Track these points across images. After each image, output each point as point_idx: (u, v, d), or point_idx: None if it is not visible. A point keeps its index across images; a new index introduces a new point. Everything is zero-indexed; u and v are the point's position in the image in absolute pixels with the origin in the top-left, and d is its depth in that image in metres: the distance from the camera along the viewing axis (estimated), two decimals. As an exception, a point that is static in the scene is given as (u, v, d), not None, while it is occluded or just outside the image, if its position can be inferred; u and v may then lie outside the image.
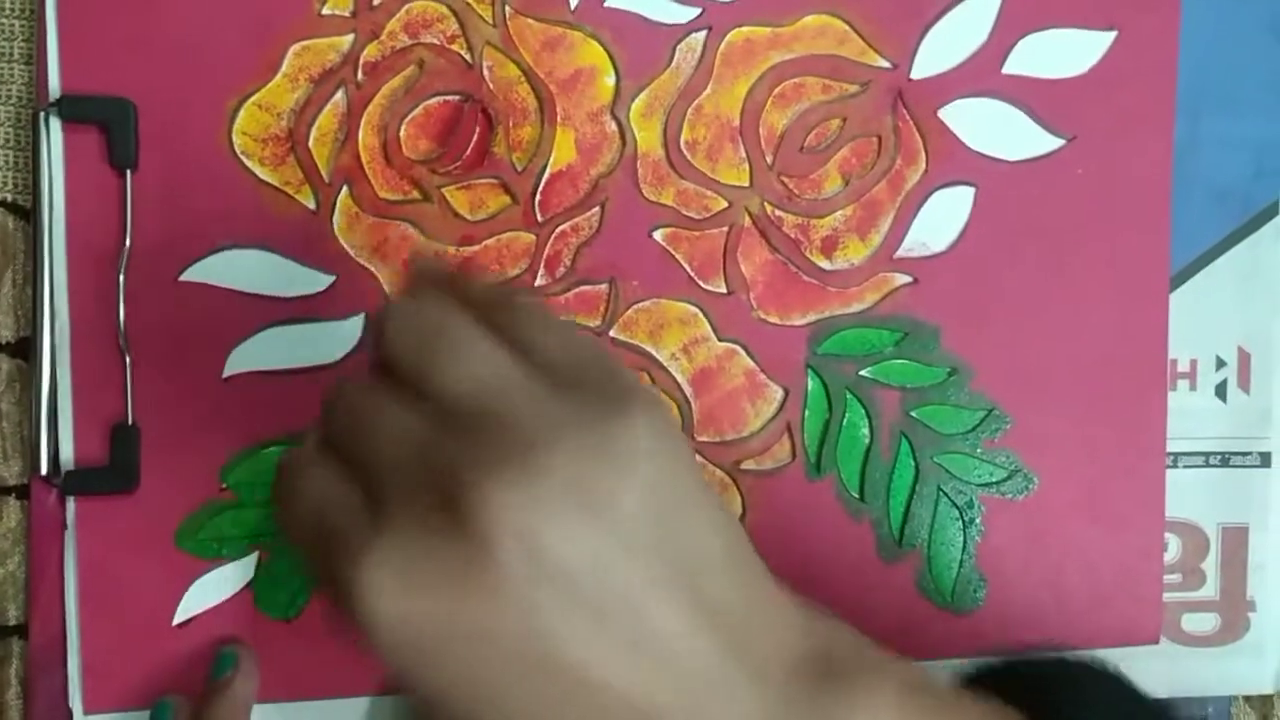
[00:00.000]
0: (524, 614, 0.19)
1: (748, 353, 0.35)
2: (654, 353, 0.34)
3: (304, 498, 0.21)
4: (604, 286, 0.34)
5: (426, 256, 0.24)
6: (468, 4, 0.33)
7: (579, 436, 0.20)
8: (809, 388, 0.35)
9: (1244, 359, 0.37)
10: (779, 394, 0.35)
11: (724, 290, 0.35)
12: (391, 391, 0.21)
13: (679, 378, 0.34)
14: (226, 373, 0.32)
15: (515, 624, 0.19)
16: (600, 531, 0.19)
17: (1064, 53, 0.35)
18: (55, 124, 0.31)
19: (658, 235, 0.34)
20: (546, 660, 0.20)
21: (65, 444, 0.32)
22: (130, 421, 0.32)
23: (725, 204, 0.34)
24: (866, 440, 0.35)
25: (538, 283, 0.34)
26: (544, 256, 0.34)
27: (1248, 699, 0.39)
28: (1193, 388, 0.37)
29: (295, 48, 0.32)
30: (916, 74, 0.35)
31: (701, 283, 0.34)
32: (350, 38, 0.32)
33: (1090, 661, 0.27)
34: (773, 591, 0.23)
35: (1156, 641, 0.37)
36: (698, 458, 0.35)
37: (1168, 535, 0.37)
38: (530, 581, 0.19)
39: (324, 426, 0.22)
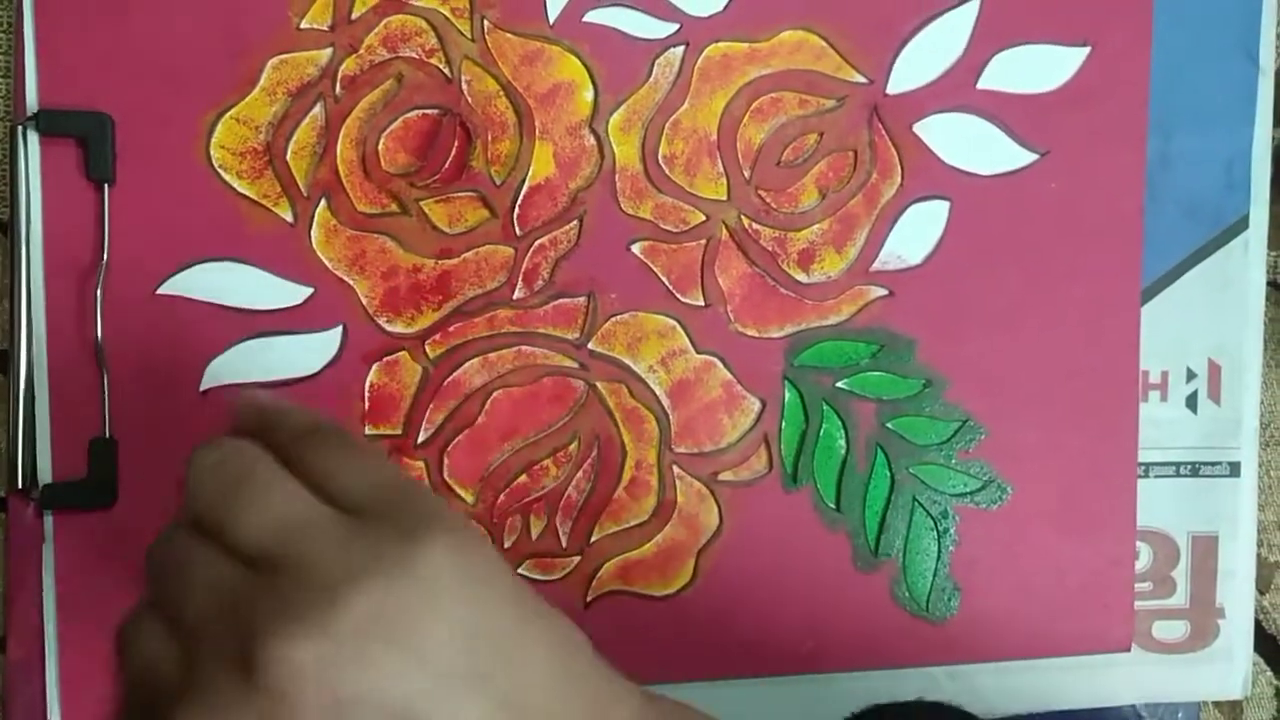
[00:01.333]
0: None
1: (725, 365, 0.35)
2: (632, 365, 0.35)
3: (129, 655, 0.21)
4: (582, 299, 0.34)
5: (249, 394, 0.24)
6: (446, 18, 0.33)
7: (378, 574, 0.19)
8: (786, 399, 0.35)
9: (1214, 370, 0.38)
10: (756, 405, 0.35)
11: (702, 303, 0.35)
12: (202, 540, 0.21)
13: (657, 390, 0.35)
14: (204, 386, 0.32)
15: None
16: (409, 667, 0.19)
17: (1038, 68, 0.36)
18: (33, 138, 0.31)
19: (636, 248, 0.34)
20: None
21: (43, 458, 0.32)
22: (108, 435, 0.32)
23: (703, 217, 0.35)
24: (843, 451, 0.36)
25: (516, 295, 0.34)
26: (522, 269, 0.34)
27: (1217, 704, 0.39)
28: (1164, 399, 0.38)
29: (273, 61, 0.32)
30: (892, 89, 0.35)
31: (679, 295, 0.35)
32: (328, 51, 0.32)
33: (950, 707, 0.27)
34: (608, 692, 0.22)
35: (1128, 648, 0.38)
36: (676, 469, 0.35)
37: (1139, 544, 0.38)
38: None
39: (147, 579, 0.22)
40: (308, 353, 0.33)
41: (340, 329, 0.33)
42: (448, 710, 0.19)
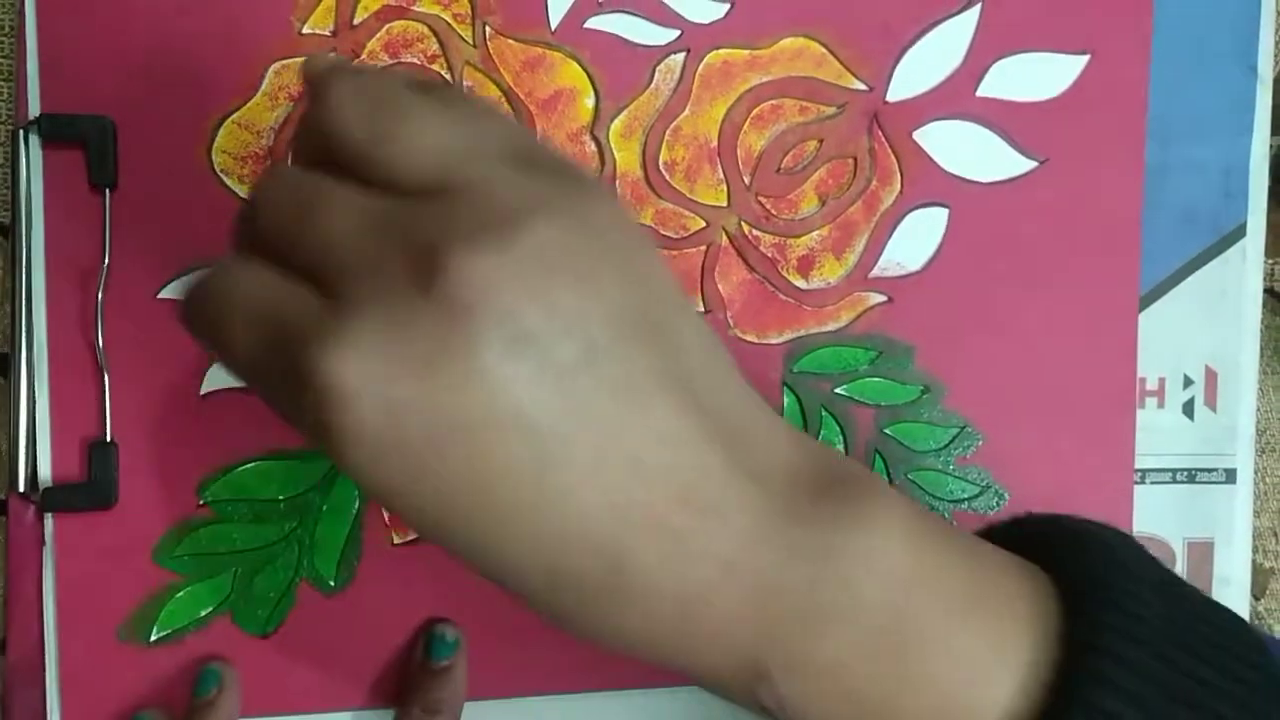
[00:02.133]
0: (515, 396, 0.17)
1: (724, 371, 0.35)
2: (632, 370, 0.35)
3: (242, 307, 0.18)
4: (582, 305, 0.34)
5: (324, 56, 0.22)
6: (448, 24, 0.33)
7: (557, 210, 0.18)
8: (785, 405, 0.36)
9: (1211, 378, 0.38)
10: (755, 411, 0.35)
11: (701, 309, 0.35)
12: (336, 174, 0.19)
13: (656, 395, 0.35)
14: (204, 389, 0.33)
15: (507, 408, 0.17)
16: (589, 302, 0.18)
17: (1037, 76, 0.36)
18: (35, 142, 0.31)
19: (636, 254, 0.34)
20: (540, 451, 0.17)
21: (43, 461, 0.32)
22: (108, 438, 0.32)
23: (703, 223, 0.35)
24: (841, 457, 0.36)
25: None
26: (523, 275, 0.34)
27: (1212, 710, 0.39)
28: (1161, 405, 0.38)
29: (275, 66, 0.32)
30: (892, 96, 0.35)
31: (679, 301, 0.35)
32: (331, 57, 0.33)
33: (1108, 525, 0.24)
34: (763, 404, 0.21)
35: (1124, 654, 0.38)
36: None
37: (1135, 550, 0.38)
38: (519, 359, 0.17)
39: (254, 222, 0.19)
40: (308, 357, 0.33)
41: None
42: (621, 351, 0.18)
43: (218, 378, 0.33)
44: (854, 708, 0.19)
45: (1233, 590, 0.38)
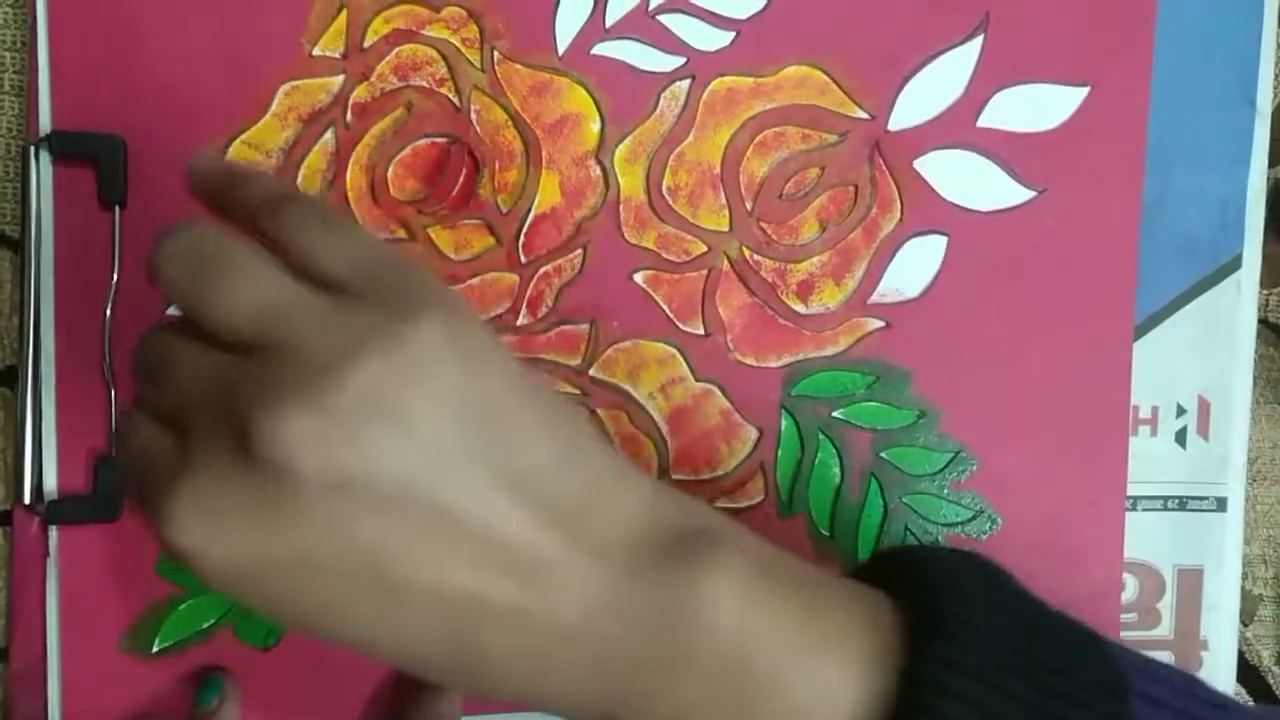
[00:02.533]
0: (339, 537, 0.19)
1: (724, 393, 0.36)
2: (632, 392, 0.35)
3: (126, 445, 0.22)
4: (585, 327, 0.35)
5: (204, 154, 0.24)
6: (457, 48, 0.33)
7: (368, 352, 0.19)
8: (782, 428, 0.36)
9: (1204, 407, 0.38)
10: (753, 434, 0.36)
11: (702, 332, 0.35)
12: (187, 329, 0.21)
13: (656, 417, 0.35)
14: (211, 405, 0.33)
15: (332, 548, 0.19)
16: (404, 444, 0.19)
17: (1038, 107, 0.36)
18: (45, 159, 0.32)
19: (638, 277, 0.35)
20: (372, 577, 0.19)
21: (48, 473, 0.32)
22: (114, 452, 0.32)
23: (705, 248, 0.35)
24: (837, 480, 0.36)
25: (519, 321, 0.34)
26: (526, 296, 0.34)
27: (1199, 734, 0.40)
28: (1153, 434, 0.38)
29: (285, 87, 0.33)
30: (894, 125, 0.36)
31: (680, 324, 0.35)
32: (340, 79, 0.33)
33: (970, 553, 0.26)
34: (615, 476, 0.22)
35: (1112, 678, 0.38)
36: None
37: (1125, 575, 0.38)
38: (339, 506, 0.19)
39: (135, 374, 0.22)
40: (313, 374, 0.33)
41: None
42: (446, 482, 0.19)
43: (223, 394, 0.33)
44: None
45: (1221, 617, 0.39)
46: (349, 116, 0.33)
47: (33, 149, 0.31)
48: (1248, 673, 0.40)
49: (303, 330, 0.20)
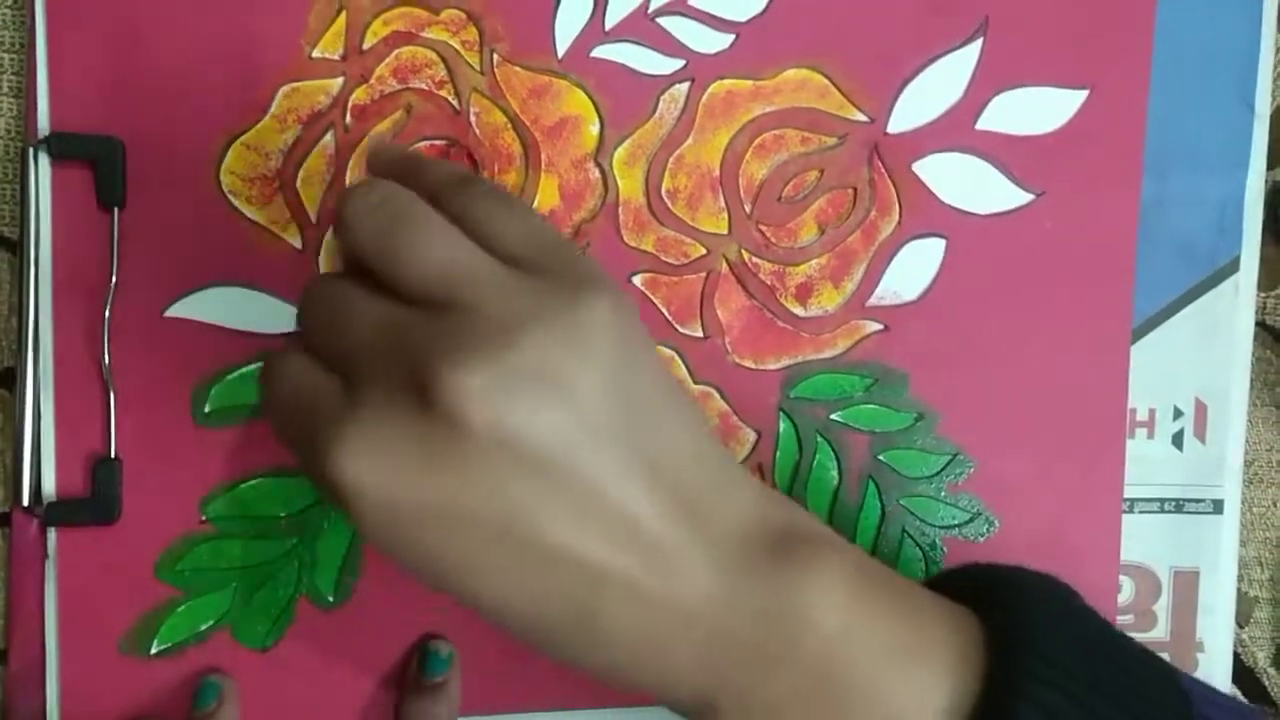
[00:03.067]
0: (492, 491, 0.20)
1: (722, 396, 0.36)
2: (631, 394, 0.35)
3: (283, 384, 0.22)
4: (583, 329, 0.35)
5: (383, 143, 0.25)
6: (456, 51, 0.33)
7: (544, 322, 0.20)
8: (781, 430, 0.36)
9: (1201, 410, 0.39)
10: (752, 437, 0.36)
11: (701, 334, 0.35)
12: (360, 281, 0.22)
13: (654, 419, 0.35)
14: (208, 407, 0.33)
15: (484, 501, 0.20)
16: (566, 414, 0.20)
17: (1036, 110, 0.36)
18: (44, 160, 0.32)
19: (637, 280, 0.35)
20: (513, 534, 0.20)
21: (47, 475, 0.32)
22: (112, 454, 0.32)
23: (704, 251, 0.35)
24: (835, 482, 0.36)
25: (518, 324, 0.34)
26: (525, 299, 0.34)
27: (1194, 735, 0.40)
28: (1150, 436, 0.38)
29: (285, 89, 0.33)
30: (893, 128, 0.36)
31: (679, 327, 0.35)
32: (340, 81, 0.33)
33: (1045, 574, 0.28)
34: (732, 474, 0.23)
35: (1109, 680, 0.38)
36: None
37: (1122, 577, 0.38)
38: (498, 461, 0.20)
39: (301, 323, 0.23)
40: (312, 377, 0.33)
41: (344, 354, 0.33)
42: (595, 456, 0.21)
43: (221, 396, 0.33)
44: None
45: (1217, 619, 0.39)
46: (348, 119, 0.33)
47: (31, 150, 0.31)
48: (1243, 675, 0.40)
49: (487, 293, 0.21)
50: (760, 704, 0.22)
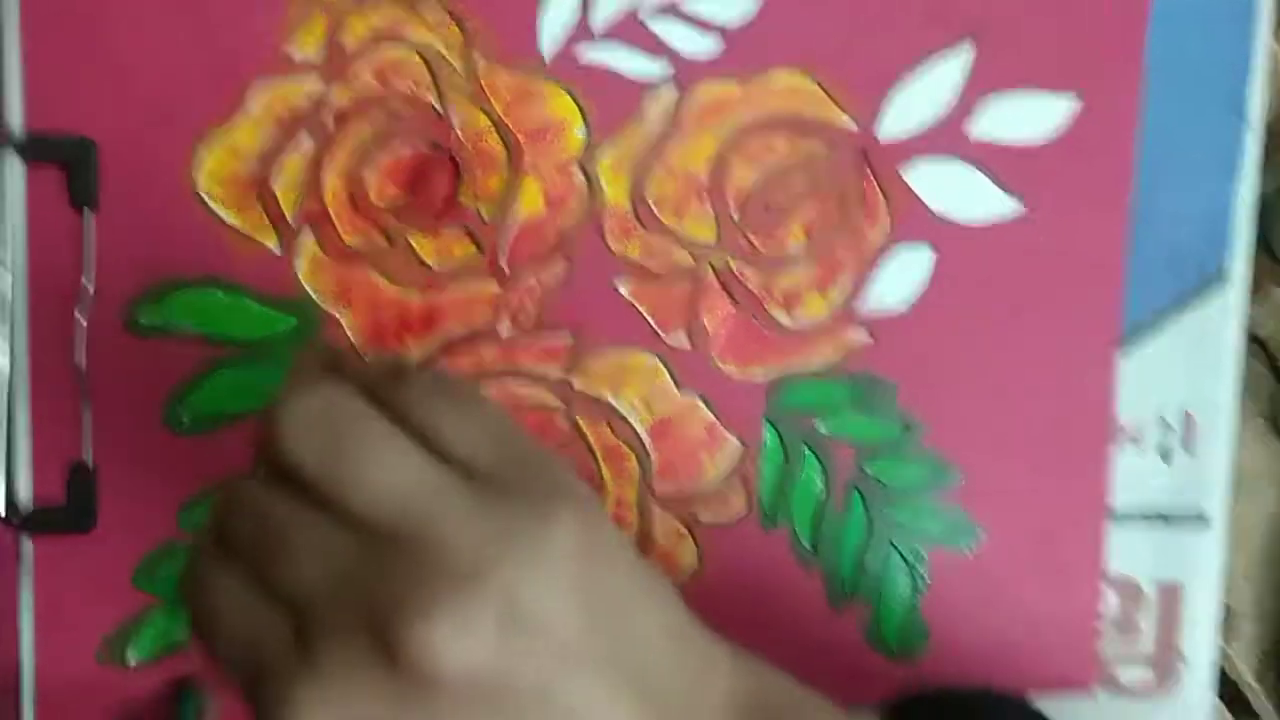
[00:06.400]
0: None
1: (707, 405, 0.35)
2: (614, 403, 0.35)
3: (226, 620, 0.20)
4: (567, 337, 0.34)
5: (314, 345, 0.23)
6: (439, 53, 0.33)
7: (512, 553, 0.19)
8: (766, 441, 0.36)
9: (1189, 422, 0.38)
10: (736, 446, 0.36)
11: (686, 343, 0.35)
12: (298, 501, 0.20)
13: (638, 428, 0.35)
14: (185, 414, 0.32)
15: None
16: (545, 651, 0.19)
17: (1027, 118, 0.36)
18: (16, 162, 0.31)
19: (622, 288, 0.34)
20: None
21: (23, 483, 0.32)
22: (88, 462, 0.32)
23: (690, 258, 0.35)
24: (821, 493, 0.36)
25: (502, 332, 0.34)
26: (509, 306, 0.34)
27: (1177, 747, 0.40)
28: (1138, 448, 0.38)
29: (262, 90, 0.32)
30: (882, 135, 0.35)
31: (664, 335, 0.35)
32: (319, 82, 0.32)
33: (1012, 696, 0.27)
34: (706, 654, 0.23)
35: (1091, 691, 0.38)
36: (655, 508, 0.35)
37: (1106, 590, 0.38)
38: (477, 709, 0.19)
39: (222, 528, 0.21)
40: (290, 384, 0.33)
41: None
42: (579, 687, 0.19)
43: (199, 402, 0.32)
44: None
45: (1202, 632, 0.39)
46: (328, 121, 0.32)
47: (3, 152, 0.31)
48: (1226, 686, 0.40)
49: (448, 524, 0.19)
50: None
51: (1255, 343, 0.40)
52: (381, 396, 0.21)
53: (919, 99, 0.35)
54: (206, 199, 0.32)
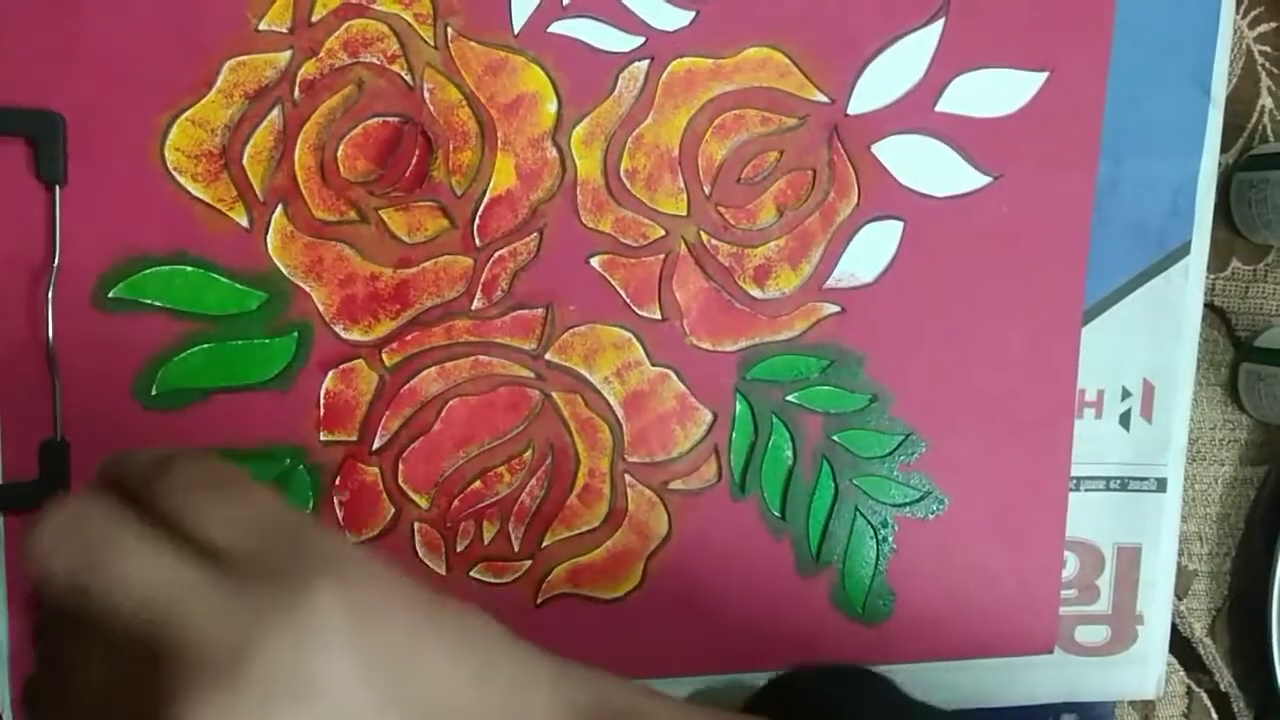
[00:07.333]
0: None
1: (679, 377, 0.36)
2: (588, 376, 0.35)
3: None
4: (540, 311, 0.34)
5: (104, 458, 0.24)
6: (409, 24, 0.32)
7: (270, 629, 0.19)
8: (737, 411, 0.36)
9: (1148, 390, 0.39)
10: (708, 417, 0.36)
11: (658, 316, 0.35)
12: (72, 631, 0.20)
13: (612, 400, 0.35)
14: (155, 390, 0.32)
15: None
16: (321, 715, 0.19)
17: (996, 92, 0.36)
18: (-21, 136, 0.30)
19: (595, 261, 0.35)
20: None
21: (-7, 459, 0.32)
22: (60, 438, 0.32)
23: (662, 232, 0.35)
24: (790, 462, 0.37)
25: (474, 306, 0.34)
26: (481, 280, 0.34)
27: (1131, 702, 0.42)
28: (1098, 416, 0.39)
29: (230, 63, 0.32)
30: (853, 109, 0.36)
31: (636, 309, 0.35)
32: (288, 54, 0.32)
33: (863, 669, 0.29)
34: (523, 678, 0.23)
35: (1051, 651, 0.40)
36: (627, 478, 0.36)
37: (1067, 553, 0.39)
38: None
39: (40, 653, 0.22)
40: (263, 358, 0.33)
41: (296, 335, 0.33)
42: None
43: (170, 377, 0.32)
44: None
45: (1157, 593, 0.40)
46: (297, 93, 0.32)
47: (-35, 125, 0.30)
48: (1179, 643, 0.42)
49: (199, 618, 0.19)
50: None
51: (1213, 312, 0.41)
52: (145, 495, 0.21)
53: (890, 73, 0.36)
54: (175, 173, 0.32)
